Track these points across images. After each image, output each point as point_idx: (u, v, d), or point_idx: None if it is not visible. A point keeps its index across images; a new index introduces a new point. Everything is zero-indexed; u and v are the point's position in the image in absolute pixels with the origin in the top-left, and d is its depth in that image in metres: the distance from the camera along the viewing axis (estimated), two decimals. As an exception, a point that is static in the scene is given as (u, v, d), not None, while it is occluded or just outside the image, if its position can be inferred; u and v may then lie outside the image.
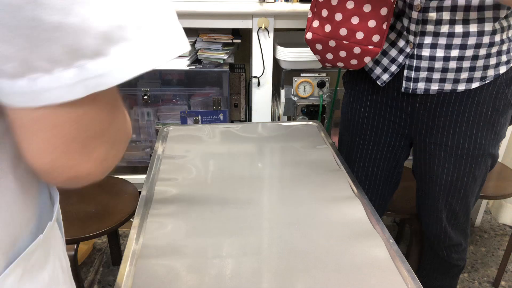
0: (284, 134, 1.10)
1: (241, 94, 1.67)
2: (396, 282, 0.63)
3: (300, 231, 0.72)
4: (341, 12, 0.90)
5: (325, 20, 0.93)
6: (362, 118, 1.05)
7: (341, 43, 0.92)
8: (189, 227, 0.74)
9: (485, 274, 1.67)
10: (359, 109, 1.05)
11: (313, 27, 0.96)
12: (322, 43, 0.95)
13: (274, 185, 0.86)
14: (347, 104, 1.10)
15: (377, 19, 0.87)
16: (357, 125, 1.07)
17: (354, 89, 1.06)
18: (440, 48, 0.86)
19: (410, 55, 0.90)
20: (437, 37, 0.85)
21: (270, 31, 1.40)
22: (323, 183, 0.88)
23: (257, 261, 0.65)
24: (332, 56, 0.97)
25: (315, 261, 0.65)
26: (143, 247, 0.70)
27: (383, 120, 1.02)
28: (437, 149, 0.97)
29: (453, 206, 1.04)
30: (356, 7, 0.88)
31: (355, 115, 1.07)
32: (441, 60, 0.86)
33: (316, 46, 0.97)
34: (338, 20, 0.90)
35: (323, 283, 0.61)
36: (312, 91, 1.51)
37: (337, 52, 0.95)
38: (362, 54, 0.92)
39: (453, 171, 0.97)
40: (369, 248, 0.69)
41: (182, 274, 0.64)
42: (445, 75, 0.88)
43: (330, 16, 0.91)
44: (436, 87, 0.89)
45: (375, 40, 0.89)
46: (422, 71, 0.89)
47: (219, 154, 0.98)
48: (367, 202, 0.81)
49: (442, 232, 1.11)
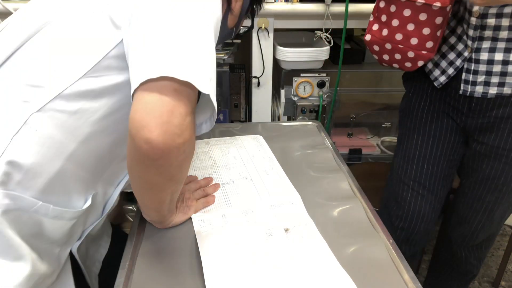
0: (284, 134, 1.10)
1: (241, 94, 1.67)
2: (396, 282, 0.63)
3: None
4: (398, 19, 0.95)
5: (384, 24, 0.99)
6: (421, 113, 1.07)
7: (397, 47, 0.98)
8: (189, 227, 0.74)
9: (485, 274, 1.67)
10: (418, 103, 1.08)
11: (372, 30, 1.03)
12: (379, 45, 1.02)
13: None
14: (406, 100, 1.12)
15: (432, 27, 0.91)
16: (415, 120, 1.09)
17: (414, 86, 1.09)
18: (499, 52, 0.87)
19: (468, 59, 0.91)
20: (496, 42, 0.87)
21: (270, 31, 1.39)
22: (323, 183, 0.88)
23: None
24: (388, 58, 1.02)
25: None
26: (143, 247, 0.70)
27: (442, 114, 1.04)
28: (488, 150, 0.98)
29: (492, 208, 1.05)
30: (412, 14, 0.92)
31: (413, 110, 1.09)
32: (499, 64, 0.88)
33: (373, 47, 1.04)
34: (395, 25, 0.96)
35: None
36: (312, 91, 1.50)
37: (393, 55, 1.01)
38: (416, 58, 0.97)
39: (501, 174, 0.98)
40: (369, 248, 0.69)
41: (182, 274, 0.64)
42: (504, 79, 0.88)
43: (388, 21, 0.97)
44: (495, 91, 0.90)
45: (429, 46, 0.93)
46: (480, 74, 0.90)
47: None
48: (367, 202, 0.81)
49: (471, 231, 1.11)
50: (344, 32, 1.37)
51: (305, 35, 1.61)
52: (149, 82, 0.51)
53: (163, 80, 0.51)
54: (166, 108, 0.51)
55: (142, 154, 0.53)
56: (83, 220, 0.70)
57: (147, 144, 0.51)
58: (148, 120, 0.51)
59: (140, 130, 0.51)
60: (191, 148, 0.57)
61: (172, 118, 0.51)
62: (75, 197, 0.66)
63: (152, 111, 0.51)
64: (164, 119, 0.51)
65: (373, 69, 1.63)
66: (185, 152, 0.55)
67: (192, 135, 0.55)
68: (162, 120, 0.51)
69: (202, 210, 0.78)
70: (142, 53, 0.54)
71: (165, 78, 0.51)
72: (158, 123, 0.51)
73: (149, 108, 0.51)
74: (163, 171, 0.56)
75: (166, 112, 0.51)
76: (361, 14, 1.38)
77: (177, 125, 0.52)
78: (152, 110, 0.51)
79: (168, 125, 0.51)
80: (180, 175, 0.62)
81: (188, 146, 0.55)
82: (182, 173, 0.61)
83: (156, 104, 0.51)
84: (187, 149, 0.55)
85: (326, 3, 1.34)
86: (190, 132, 0.54)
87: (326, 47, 1.42)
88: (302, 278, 0.62)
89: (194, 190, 0.83)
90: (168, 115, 0.51)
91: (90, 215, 0.72)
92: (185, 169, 0.61)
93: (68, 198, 0.65)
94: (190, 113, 0.54)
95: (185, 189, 0.81)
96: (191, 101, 0.54)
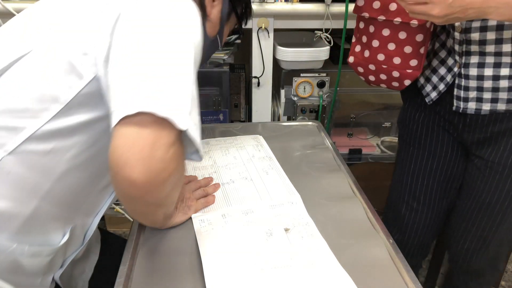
0: (284, 134, 1.10)
1: (241, 94, 1.67)
2: (396, 282, 0.63)
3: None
4: (377, 39, 0.93)
5: (365, 45, 0.97)
6: (417, 126, 1.04)
7: (380, 67, 0.96)
8: (189, 227, 0.74)
9: (485, 274, 1.66)
10: (413, 117, 1.04)
11: (355, 52, 1.01)
12: (363, 66, 1.00)
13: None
14: (403, 113, 1.09)
15: (413, 45, 0.89)
16: (411, 134, 1.06)
17: (410, 99, 1.06)
18: (488, 67, 0.82)
19: (458, 74, 0.87)
20: (484, 56, 0.82)
21: (270, 31, 1.39)
22: (323, 183, 0.88)
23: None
24: (374, 78, 1.01)
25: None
26: (143, 247, 0.70)
27: (437, 128, 1.00)
28: (483, 164, 0.94)
29: (484, 228, 0.99)
30: (391, 34, 0.90)
31: (409, 123, 1.06)
32: (490, 79, 0.83)
33: (358, 69, 1.02)
34: (375, 46, 0.94)
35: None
36: (312, 91, 1.51)
37: (378, 75, 0.98)
38: (401, 77, 0.94)
39: (495, 190, 0.93)
40: (369, 248, 0.69)
41: (182, 274, 0.64)
42: (496, 95, 0.84)
43: (368, 42, 0.96)
44: (488, 107, 0.85)
45: (413, 65, 0.91)
46: (471, 90, 0.86)
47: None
48: (367, 202, 0.81)
49: (462, 254, 1.05)
50: (344, 32, 1.37)
51: (305, 35, 1.61)
52: (128, 118, 0.48)
53: (141, 115, 0.48)
54: (146, 141, 0.47)
55: (126, 194, 0.51)
56: (63, 252, 0.69)
57: (130, 185, 0.48)
58: (128, 156, 0.47)
59: (121, 169, 0.47)
60: (179, 176, 0.55)
61: (154, 151, 0.48)
62: (52, 233, 0.65)
63: (133, 146, 0.47)
64: (146, 154, 0.47)
65: (373, 69, 1.63)
66: (172, 183, 0.53)
67: (179, 164, 0.53)
68: (143, 155, 0.47)
69: (202, 210, 0.78)
70: (120, 90, 0.51)
71: (143, 113, 0.48)
72: (139, 159, 0.47)
73: (129, 143, 0.47)
74: (152, 203, 0.55)
75: (147, 145, 0.47)
76: (361, 14, 1.38)
77: (160, 158, 0.48)
78: (132, 145, 0.47)
79: (150, 160, 0.47)
80: (171, 200, 0.60)
81: (175, 177, 0.52)
82: (172, 198, 0.60)
83: (135, 137, 0.47)
84: (174, 180, 0.53)
85: (326, 3, 1.34)
86: (176, 162, 0.51)
87: (326, 47, 1.42)
88: (302, 278, 0.62)
89: (194, 189, 0.82)
90: (150, 148, 0.47)
91: (70, 246, 0.70)
92: (175, 194, 0.60)
93: (44, 236, 0.63)
94: (175, 141, 0.50)
95: (185, 189, 0.80)
96: (175, 128, 0.50)
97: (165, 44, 0.54)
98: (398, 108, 1.21)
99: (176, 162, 0.51)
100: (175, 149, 0.50)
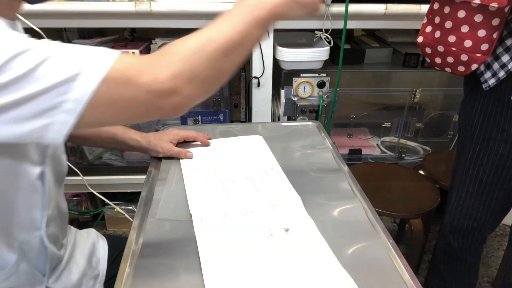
0: (284, 134, 1.10)
1: (241, 94, 1.67)
2: (396, 282, 0.63)
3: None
4: (451, 20, 0.92)
5: (437, 26, 0.96)
6: (472, 121, 1.04)
7: (449, 49, 0.95)
8: (189, 227, 0.74)
9: (485, 274, 1.67)
10: (471, 111, 1.04)
11: (425, 32, 1.00)
12: (431, 47, 0.99)
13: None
14: (462, 105, 1.09)
15: (488, 29, 0.88)
16: (467, 127, 1.07)
17: (470, 90, 1.06)
18: None
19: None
20: None
21: (270, 31, 1.40)
22: (323, 183, 0.88)
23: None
24: (440, 61, 0.99)
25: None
26: (143, 247, 0.70)
27: (492, 125, 1.00)
28: None
29: None
30: (467, 16, 0.89)
31: (466, 117, 1.06)
32: None
33: (425, 49, 1.01)
34: (448, 27, 0.93)
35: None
36: (312, 91, 1.51)
37: (445, 58, 0.97)
38: (469, 61, 0.93)
39: None
40: (369, 248, 0.69)
41: (182, 274, 0.64)
42: None
43: (441, 23, 0.95)
44: None
45: (484, 49, 0.90)
46: None
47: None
48: (367, 202, 0.81)
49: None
50: (344, 32, 1.37)
51: (305, 35, 1.61)
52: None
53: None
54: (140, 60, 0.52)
55: (165, 94, 0.51)
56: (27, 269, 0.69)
57: (155, 81, 0.50)
58: (133, 68, 0.50)
59: (133, 81, 0.49)
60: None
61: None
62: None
63: (128, 66, 0.50)
64: (144, 60, 0.51)
65: (373, 69, 1.64)
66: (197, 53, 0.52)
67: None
68: (142, 65, 0.50)
69: (202, 210, 0.78)
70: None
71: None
72: (142, 68, 0.50)
73: (133, 64, 0.51)
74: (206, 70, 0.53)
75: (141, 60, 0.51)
76: (361, 14, 1.38)
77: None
78: (134, 63, 0.51)
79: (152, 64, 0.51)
80: (228, 59, 0.55)
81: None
82: (228, 59, 0.55)
83: (133, 60, 0.51)
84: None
85: (326, 3, 1.34)
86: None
87: (326, 47, 1.42)
88: (302, 278, 0.62)
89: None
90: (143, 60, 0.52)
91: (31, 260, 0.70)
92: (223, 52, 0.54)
93: None
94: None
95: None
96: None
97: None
98: (398, 108, 1.21)
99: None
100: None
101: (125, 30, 1.69)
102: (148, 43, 1.60)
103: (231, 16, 0.56)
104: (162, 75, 0.50)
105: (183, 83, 0.51)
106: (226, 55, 0.54)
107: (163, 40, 1.54)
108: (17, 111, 0.47)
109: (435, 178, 1.47)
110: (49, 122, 0.48)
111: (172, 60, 0.51)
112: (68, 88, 0.47)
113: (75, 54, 0.49)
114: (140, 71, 0.50)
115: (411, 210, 1.29)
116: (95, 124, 0.54)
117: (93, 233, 0.92)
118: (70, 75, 0.47)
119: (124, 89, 0.50)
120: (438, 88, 1.69)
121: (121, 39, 1.69)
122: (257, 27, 0.56)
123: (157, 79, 0.50)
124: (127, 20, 1.42)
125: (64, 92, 0.47)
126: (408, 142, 1.81)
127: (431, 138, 1.80)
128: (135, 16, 1.40)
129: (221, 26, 0.55)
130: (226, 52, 0.54)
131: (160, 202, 0.80)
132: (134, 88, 0.50)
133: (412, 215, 1.29)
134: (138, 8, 1.36)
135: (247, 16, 0.55)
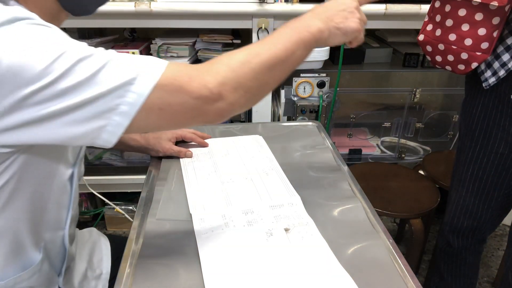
0: (284, 134, 1.10)
1: (241, 94, 1.67)
2: (396, 282, 0.63)
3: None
4: (452, 19, 0.93)
5: (438, 24, 0.97)
6: (472, 120, 1.04)
7: (450, 48, 0.95)
8: (189, 227, 0.74)
9: (485, 274, 1.67)
10: (471, 110, 1.05)
11: (426, 30, 1.01)
12: (432, 45, 1.00)
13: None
14: (463, 104, 1.09)
15: (488, 27, 0.88)
16: (467, 126, 1.07)
17: (471, 89, 1.06)
18: None
19: None
20: None
21: (270, 31, 1.40)
22: (323, 183, 0.88)
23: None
24: (440, 59, 1.00)
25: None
26: (143, 247, 0.70)
27: (492, 124, 1.00)
28: None
29: None
30: (468, 14, 0.89)
31: (466, 116, 1.06)
32: None
33: (426, 47, 1.02)
34: (448, 25, 0.94)
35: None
36: (312, 91, 1.51)
37: (445, 56, 0.98)
38: (469, 59, 0.94)
39: None
40: (369, 248, 0.69)
41: (182, 274, 0.64)
42: None
43: (442, 21, 0.95)
44: None
45: (484, 48, 0.90)
46: None
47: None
48: (367, 202, 0.81)
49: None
50: (344, 32, 1.36)
51: (305, 35, 1.61)
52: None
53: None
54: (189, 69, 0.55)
55: (212, 100, 0.54)
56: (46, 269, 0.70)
57: (204, 87, 0.53)
58: (183, 75, 0.53)
59: (184, 87, 0.52)
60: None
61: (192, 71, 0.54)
62: (19, 259, 0.65)
63: (179, 73, 0.53)
64: (189, 71, 0.54)
65: (373, 69, 1.64)
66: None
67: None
68: (191, 72, 0.53)
69: (202, 210, 0.78)
70: None
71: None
72: (192, 76, 0.53)
73: (180, 74, 0.53)
74: (252, 86, 0.57)
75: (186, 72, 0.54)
76: (361, 14, 1.38)
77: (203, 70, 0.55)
78: (178, 73, 0.53)
79: (198, 71, 0.54)
80: (273, 70, 0.60)
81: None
82: (273, 71, 0.60)
83: (182, 69, 0.54)
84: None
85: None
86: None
87: (326, 47, 1.42)
88: (302, 278, 0.62)
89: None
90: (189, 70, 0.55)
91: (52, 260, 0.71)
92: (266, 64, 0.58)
93: (11, 264, 0.64)
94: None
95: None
96: None
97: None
98: (398, 108, 1.21)
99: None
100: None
101: (125, 30, 1.69)
102: (148, 43, 1.60)
103: (278, 35, 0.61)
104: (211, 81, 0.53)
105: (229, 90, 0.55)
106: (270, 69, 0.58)
107: (163, 40, 1.53)
108: (77, 113, 0.49)
109: (435, 178, 1.47)
110: (105, 123, 0.51)
111: (221, 68, 0.55)
112: (126, 92, 0.50)
113: (130, 60, 0.52)
114: (190, 78, 0.53)
115: (411, 210, 1.29)
116: (145, 129, 0.56)
117: (95, 232, 0.92)
118: (128, 78, 0.50)
119: (175, 95, 0.52)
120: (438, 88, 1.69)
121: (121, 39, 1.69)
122: (300, 47, 0.61)
123: (206, 85, 0.53)
124: (127, 20, 1.42)
125: (121, 95, 0.50)
126: (408, 142, 1.81)
127: (431, 138, 1.80)
128: (135, 16, 1.40)
129: (268, 43, 0.59)
130: (270, 67, 0.58)
131: (160, 202, 0.80)
132: (184, 94, 0.53)
133: (412, 215, 1.30)
134: (138, 8, 1.36)
135: (292, 37, 0.60)
